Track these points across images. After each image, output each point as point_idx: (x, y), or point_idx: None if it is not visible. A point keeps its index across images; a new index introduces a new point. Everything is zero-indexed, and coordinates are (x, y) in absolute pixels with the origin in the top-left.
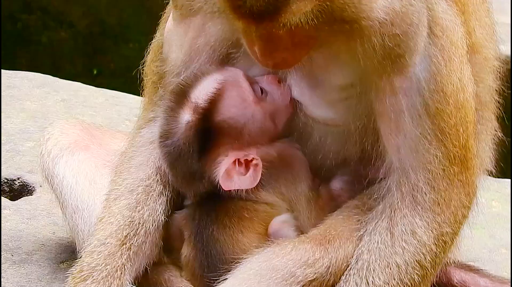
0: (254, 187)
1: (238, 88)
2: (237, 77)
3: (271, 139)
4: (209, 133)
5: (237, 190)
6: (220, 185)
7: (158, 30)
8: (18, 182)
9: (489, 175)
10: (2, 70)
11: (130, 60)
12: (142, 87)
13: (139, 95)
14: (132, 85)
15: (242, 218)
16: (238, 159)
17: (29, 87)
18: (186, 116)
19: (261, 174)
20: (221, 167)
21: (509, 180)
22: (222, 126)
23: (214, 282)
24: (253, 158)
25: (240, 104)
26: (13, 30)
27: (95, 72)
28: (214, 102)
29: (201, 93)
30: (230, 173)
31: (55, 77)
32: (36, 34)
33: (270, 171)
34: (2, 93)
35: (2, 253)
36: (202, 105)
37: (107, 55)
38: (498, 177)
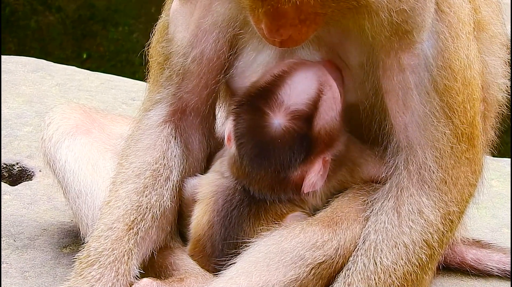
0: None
1: (331, 88)
2: (325, 74)
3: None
4: (308, 141)
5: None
6: (302, 190)
7: (163, 10)
8: (17, 167)
9: (493, 154)
10: None
11: (119, 44)
12: (146, 69)
13: (132, 79)
14: (122, 69)
15: (273, 224)
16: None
17: (23, 72)
18: (280, 120)
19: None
20: (312, 175)
21: (508, 159)
22: (321, 134)
23: (222, 265)
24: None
25: (334, 105)
26: (1, 15)
27: (84, 56)
28: (315, 107)
29: (299, 97)
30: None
31: (48, 62)
32: (24, 19)
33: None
34: None
35: (4, 239)
36: (303, 111)
37: (96, 39)
38: (496, 156)
